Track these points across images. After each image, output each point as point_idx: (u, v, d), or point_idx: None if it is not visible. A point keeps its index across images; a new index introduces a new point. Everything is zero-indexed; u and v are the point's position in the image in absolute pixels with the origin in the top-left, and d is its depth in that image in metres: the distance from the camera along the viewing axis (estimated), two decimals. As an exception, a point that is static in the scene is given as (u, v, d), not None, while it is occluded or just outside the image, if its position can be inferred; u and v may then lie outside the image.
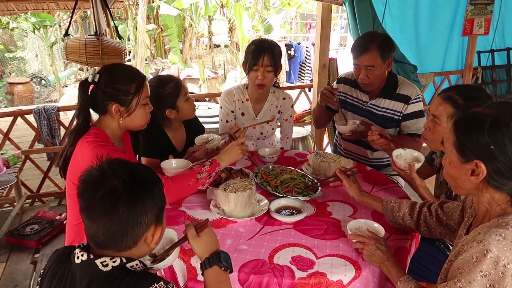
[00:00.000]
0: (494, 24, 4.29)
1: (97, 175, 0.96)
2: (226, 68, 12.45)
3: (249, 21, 9.30)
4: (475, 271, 0.97)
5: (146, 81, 1.67)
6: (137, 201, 0.94)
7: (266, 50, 2.15)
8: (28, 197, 3.70)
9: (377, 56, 2.09)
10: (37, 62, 12.81)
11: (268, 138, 2.52)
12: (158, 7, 9.90)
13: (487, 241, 0.97)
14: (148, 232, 0.99)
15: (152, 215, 0.98)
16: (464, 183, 1.09)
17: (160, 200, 1.01)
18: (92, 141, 1.53)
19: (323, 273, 1.27)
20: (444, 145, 1.14)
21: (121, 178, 0.95)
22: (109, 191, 0.93)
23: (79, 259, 0.96)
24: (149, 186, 0.99)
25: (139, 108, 1.63)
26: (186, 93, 2.09)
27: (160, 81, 2.06)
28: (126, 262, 0.97)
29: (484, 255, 0.96)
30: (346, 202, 1.75)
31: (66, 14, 11.27)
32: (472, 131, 1.04)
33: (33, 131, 3.66)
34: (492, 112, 1.02)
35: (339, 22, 12.71)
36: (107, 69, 1.63)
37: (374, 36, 2.16)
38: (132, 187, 0.95)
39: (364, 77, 2.15)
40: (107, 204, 0.93)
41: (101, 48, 3.15)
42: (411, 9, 3.86)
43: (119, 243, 0.96)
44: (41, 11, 6.77)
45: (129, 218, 0.94)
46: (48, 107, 3.55)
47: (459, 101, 1.52)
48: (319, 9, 3.59)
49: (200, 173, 1.65)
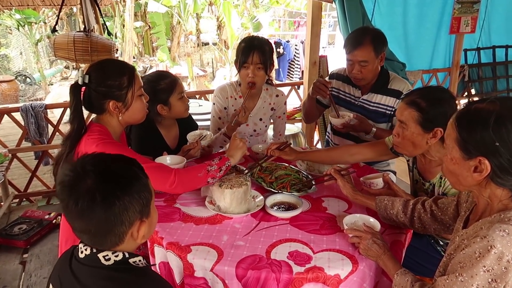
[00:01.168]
0: (480, 22, 4.36)
1: (71, 177, 0.92)
2: (214, 66, 12.40)
3: (238, 18, 9.28)
4: (478, 265, 0.97)
5: (136, 71, 1.65)
6: (112, 200, 0.90)
7: (256, 48, 2.14)
8: (16, 196, 3.64)
9: (370, 50, 2.10)
10: (22, 59, 12.56)
11: (261, 135, 2.51)
12: (146, 4, 9.82)
13: (491, 236, 0.97)
14: (133, 228, 0.96)
15: (134, 211, 0.94)
16: (466, 180, 1.09)
17: (142, 195, 0.96)
18: (97, 138, 1.51)
19: (321, 268, 1.28)
20: (445, 141, 1.13)
21: (94, 179, 0.91)
22: (82, 193, 0.89)
23: (83, 253, 0.96)
24: (126, 183, 0.94)
25: (135, 100, 1.61)
26: (181, 91, 2.07)
27: (156, 76, 2.05)
28: (129, 257, 0.96)
29: (488, 251, 0.96)
30: (340, 197, 1.76)
31: (51, 10, 11.10)
32: (476, 128, 1.02)
33: (20, 129, 3.59)
34: (496, 108, 1.01)
35: (327, 20, 12.75)
36: (95, 67, 1.60)
37: (367, 31, 2.18)
38: (106, 187, 0.91)
39: (358, 72, 2.16)
40: (82, 207, 0.89)
41: (90, 45, 3.12)
42: (399, 7, 3.90)
43: (104, 242, 0.94)
44: (26, 7, 6.60)
45: (107, 219, 0.91)
46: (35, 105, 3.48)
47: (422, 104, 1.52)
48: (309, 7, 3.60)
49: (211, 166, 1.63)
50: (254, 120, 2.43)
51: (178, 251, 1.38)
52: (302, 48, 9.03)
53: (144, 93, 1.67)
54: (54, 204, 3.69)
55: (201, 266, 1.33)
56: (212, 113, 2.44)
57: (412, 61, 4.21)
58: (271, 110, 2.46)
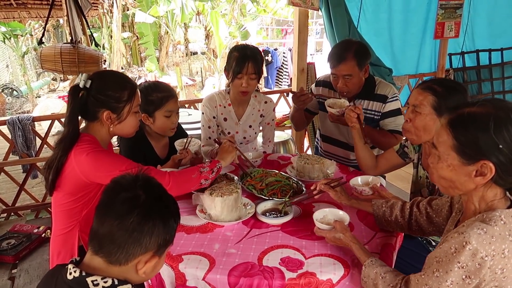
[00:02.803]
0: (463, 27, 4.45)
1: (129, 181, 0.98)
2: (203, 75, 12.43)
3: (226, 27, 9.33)
4: (453, 261, 0.98)
5: (138, 89, 1.66)
6: (149, 219, 0.95)
7: (250, 58, 2.15)
8: (3, 211, 3.57)
9: (354, 65, 2.13)
10: (8, 72, 12.46)
11: (251, 142, 2.52)
12: (133, 15, 9.82)
13: (468, 233, 0.98)
14: (143, 256, 0.97)
15: (155, 241, 0.97)
16: (464, 185, 1.07)
17: (169, 233, 1.00)
18: (87, 147, 1.51)
19: (313, 273, 1.28)
20: (438, 149, 1.10)
21: (147, 193, 0.96)
22: (131, 197, 0.95)
23: (71, 275, 0.94)
24: (167, 214, 1.00)
25: (130, 115, 1.62)
26: (170, 109, 2.02)
27: (152, 86, 2.03)
28: (118, 284, 0.95)
29: (463, 247, 0.97)
30: (330, 202, 1.77)
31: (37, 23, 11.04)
32: (475, 132, 1.01)
33: (7, 143, 3.54)
34: (491, 111, 1.01)
35: (315, 28, 12.90)
36: (99, 75, 1.61)
37: (350, 44, 2.19)
38: (152, 204, 0.96)
39: (343, 86, 2.19)
40: (122, 208, 0.93)
41: (77, 56, 3.11)
42: (384, 13, 3.96)
43: (114, 253, 0.94)
44: (11, 20, 6.59)
45: (134, 231, 0.93)
46: (22, 118, 3.45)
47: (438, 89, 1.57)
48: (296, 15, 3.64)
49: (203, 167, 1.67)
50: (243, 127, 2.44)
51: (169, 261, 1.37)
52: (290, 56, 9.10)
53: (140, 111, 1.69)
54: (43, 218, 3.63)
55: (193, 275, 1.32)
56: (202, 122, 2.44)
57: (399, 66, 4.27)
58: (260, 117, 2.47)
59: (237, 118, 2.42)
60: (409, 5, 4.03)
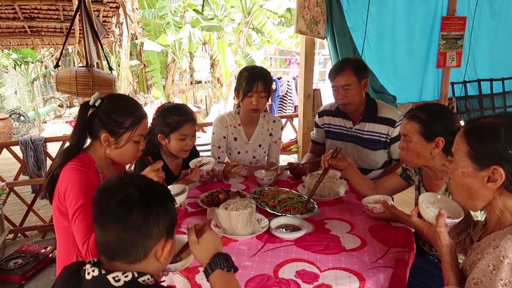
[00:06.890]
0: (465, 57, 4.58)
1: (114, 183, 0.98)
2: (207, 103, 12.60)
3: (232, 56, 9.57)
4: (495, 280, 0.98)
5: (146, 119, 1.65)
6: (151, 210, 0.96)
7: (260, 77, 2.24)
8: (11, 231, 3.58)
9: (352, 75, 2.24)
10: (16, 98, 12.69)
11: (260, 161, 2.57)
12: (141, 43, 10.09)
13: (503, 246, 0.99)
14: (158, 245, 0.99)
15: (164, 227, 0.99)
16: (478, 192, 1.11)
17: (172, 215, 1.02)
18: (73, 166, 1.51)
19: (329, 285, 1.30)
20: (454, 157, 1.16)
21: (138, 187, 0.97)
22: (124, 197, 0.95)
23: (90, 275, 0.95)
24: (163, 198, 1.02)
25: (129, 143, 1.60)
26: (185, 133, 2.06)
27: (171, 108, 2.08)
28: (138, 277, 0.96)
29: (501, 262, 0.98)
30: (342, 219, 1.80)
31: (48, 50, 11.34)
32: (487, 139, 1.08)
33: (18, 164, 3.60)
34: (503, 121, 1.08)
35: (317, 58, 13.18)
36: (111, 97, 1.62)
37: (348, 59, 2.39)
38: (148, 196, 0.97)
39: (343, 97, 2.28)
40: (121, 211, 0.94)
41: (91, 79, 3.20)
42: (388, 43, 4.10)
43: (130, 253, 0.96)
44: (25, 46, 6.80)
45: (141, 227, 0.94)
46: (35, 138, 3.52)
47: (422, 117, 1.66)
48: (302, 43, 3.77)
49: None
50: (253, 146, 2.50)
51: (186, 272, 1.38)
52: (294, 84, 9.25)
53: (142, 142, 1.66)
54: (50, 239, 3.63)
55: (209, 287, 1.33)
56: (212, 142, 2.50)
57: (402, 94, 4.36)
58: (269, 136, 2.54)
59: (247, 137, 2.48)
60: (412, 35, 4.17)
